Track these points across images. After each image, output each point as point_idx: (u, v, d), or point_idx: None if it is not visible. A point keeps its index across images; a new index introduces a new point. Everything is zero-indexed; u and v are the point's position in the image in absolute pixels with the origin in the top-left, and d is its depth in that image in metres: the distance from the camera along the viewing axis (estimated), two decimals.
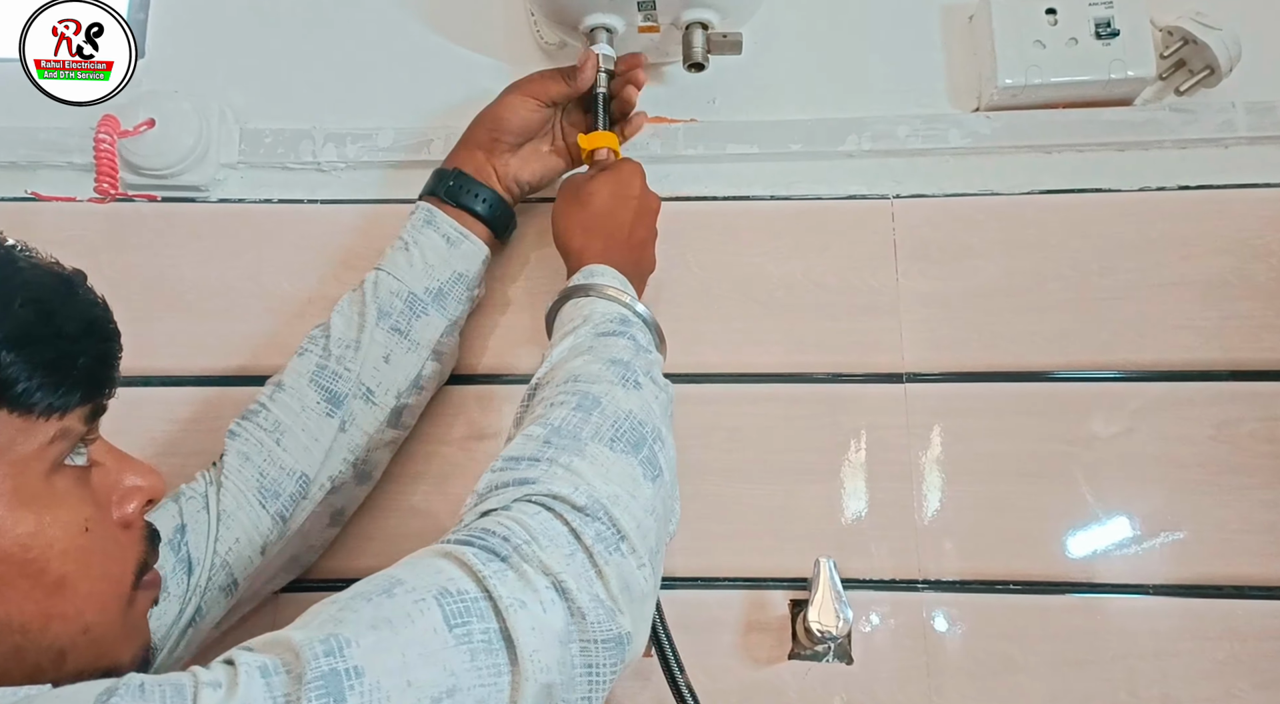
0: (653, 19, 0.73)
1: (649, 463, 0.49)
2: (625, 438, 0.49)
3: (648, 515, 0.47)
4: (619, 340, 0.56)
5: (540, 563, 0.41)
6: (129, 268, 0.79)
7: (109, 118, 0.74)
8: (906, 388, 0.73)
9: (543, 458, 0.47)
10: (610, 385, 0.52)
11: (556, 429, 0.49)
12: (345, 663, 0.35)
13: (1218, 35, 0.72)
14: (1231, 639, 0.67)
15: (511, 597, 0.40)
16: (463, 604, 0.39)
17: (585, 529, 0.44)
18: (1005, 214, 0.76)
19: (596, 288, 0.61)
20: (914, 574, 0.70)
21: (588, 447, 0.48)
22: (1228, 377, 0.72)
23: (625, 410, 0.50)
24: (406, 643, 0.37)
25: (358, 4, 0.84)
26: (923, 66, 0.80)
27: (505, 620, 0.39)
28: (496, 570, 0.41)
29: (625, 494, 0.46)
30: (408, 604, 0.39)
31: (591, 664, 0.42)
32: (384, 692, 0.35)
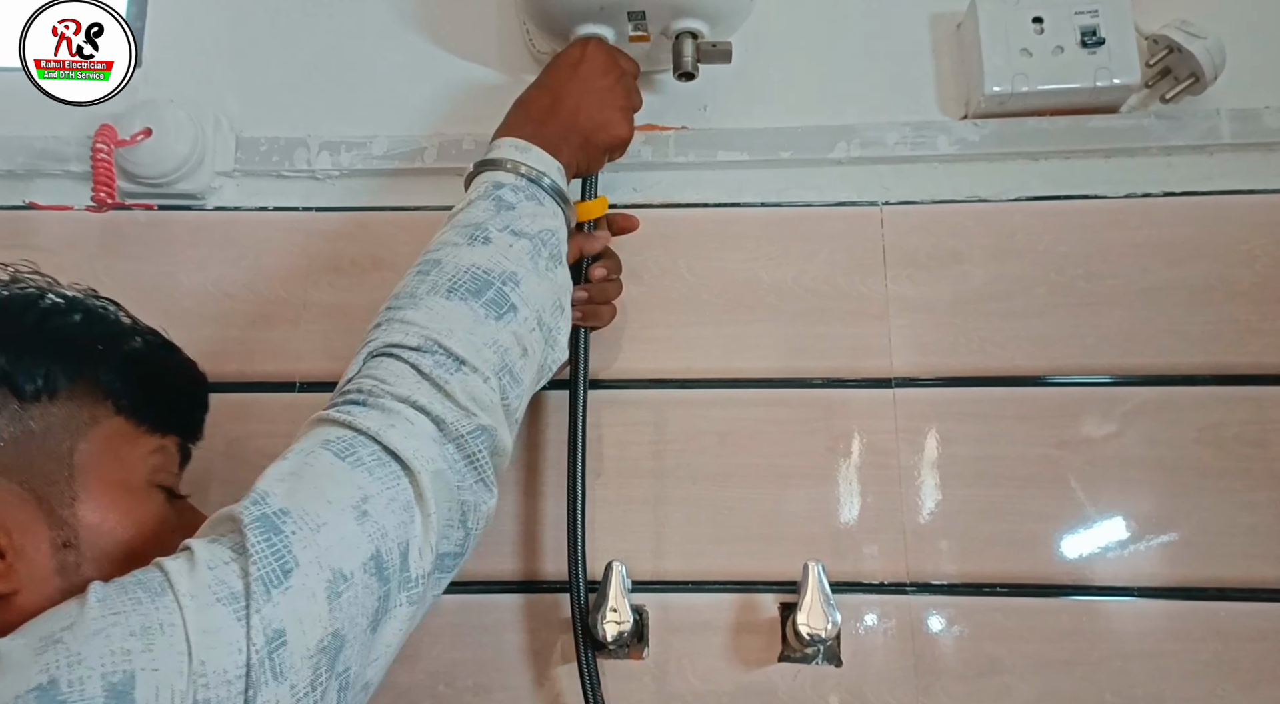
0: (643, 29, 0.74)
1: (494, 303, 0.55)
2: (464, 286, 0.55)
3: (487, 347, 0.54)
4: (481, 203, 0.60)
5: (393, 395, 0.49)
6: (125, 275, 0.79)
7: (106, 127, 0.74)
8: (895, 393, 0.74)
9: (383, 321, 0.54)
10: (454, 247, 0.57)
11: (396, 294, 0.55)
12: (270, 507, 0.43)
13: (1202, 44, 0.73)
14: (1216, 640, 0.68)
15: (379, 424, 0.48)
16: (343, 442, 0.47)
17: (422, 362, 0.51)
18: (993, 220, 0.77)
19: (486, 161, 0.63)
20: (903, 577, 0.71)
21: (422, 300, 0.54)
22: (1213, 381, 0.73)
23: (466, 264, 0.56)
24: (313, 480, 0.45)
25: (352, 13, 0.85)
26: (911, 74, 0.81)
27: (381, 440, 0.47)
28: (359, 413, 0.49)
29: (461, 330, 0.53)
30: (301, 459, 0.46)
31: (469, 454, 0.50)
32: (311, 514, 0.43)
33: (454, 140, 0.80)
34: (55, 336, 0.49)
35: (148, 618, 0.38)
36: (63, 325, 0.50)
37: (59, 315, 0.50)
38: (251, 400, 0.77)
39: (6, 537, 0.43)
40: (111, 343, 0.51)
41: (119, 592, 0.39)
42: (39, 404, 0.46)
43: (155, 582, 0.40)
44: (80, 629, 0.37)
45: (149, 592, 0.39)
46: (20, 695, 0.35)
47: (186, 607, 0.39)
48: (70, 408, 0.47)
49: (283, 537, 0.42)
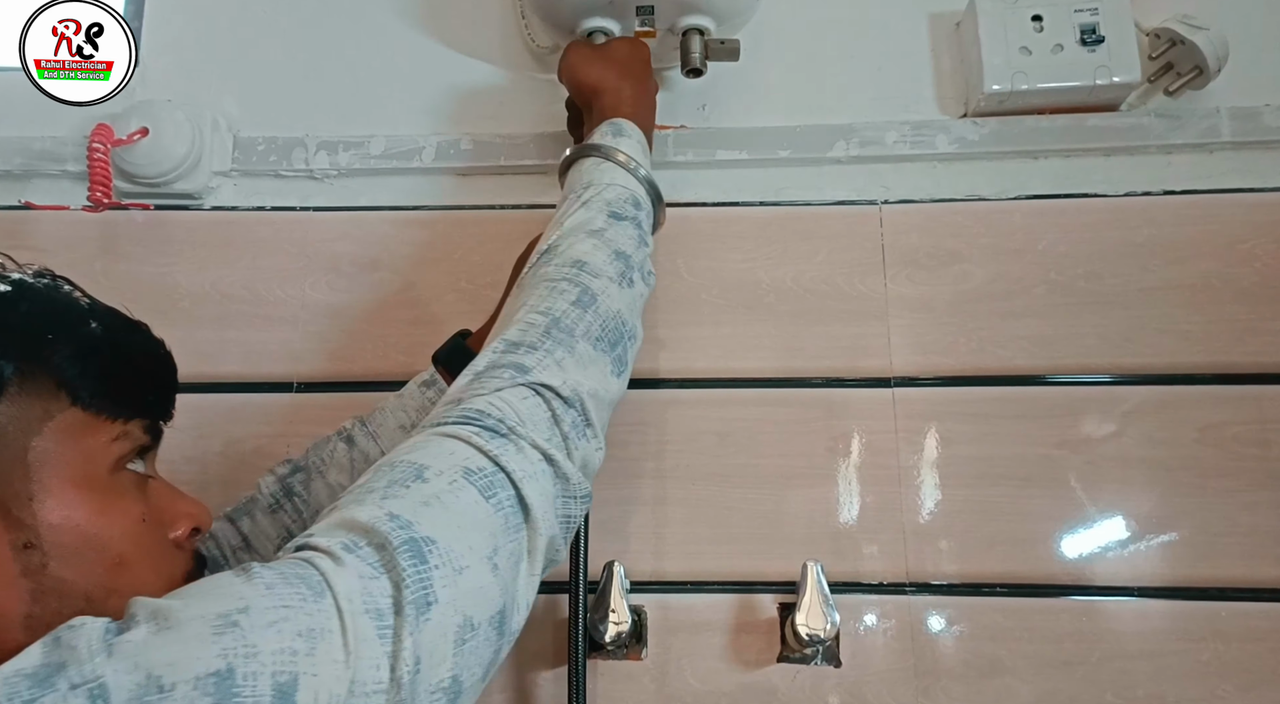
0: (650, 24, 0.74)
1: (620, 361, 0.57)
2: (608, 337, 0.56)
3: (607, 408, 0.55)
4: (627, 228, 0.60)
5: (531, 440, 0.49)
6: (123, 275, 0.79)
7: (103, 127, 0.74)
8: (895, 392, 0.74)
9: (540, 348, 0.53)
10: (609, 282, 0.57)
11: (556, 321, 0.54)
12: (417, 533, 0.42)
13: (1205, 35, 0.73)
14: (1216, 640, 0.68)
15: (519, 469, 0.47)
16: (487, 478, 0.46)
17: (564, 416, 0.51)
18: (992, 220, 0.77)
19: (622, 155, 0.63)
20: (902, 577, 0.70)
21: (578, 344, 0.54)
22: (1213, 380, 0.73)
23: (614, 311, 0.57)
24: (457, 515, 0.44)
25: (350, 12, 0.85)
26: (910, 73, 0.81)
27: (520, 488, 0.47)
28: (500, 446, 0.48)
29: (600, 389, 0.54)
30: (444, 485, 0.45)
31: (569, 515, 0.51)
32: (454, 553, 0.42)
33: (452, 140, 0.80)
34: (1, 329, 0.46)
35: (313, 619, 0.38)
36: (7, 316, 0.47)
37: (5, 305, 0.47)
38: (250, 401, 0.77)
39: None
40: (63, 330, 0.48)
41: (282, 582, 0.39)
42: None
43: (314, 579, 0.39)
44: (255, 617, 0.37)
45: (311, 589, 0.39)
46: (200, 678, 0.34)
47: (345, 612, 0.38)
48: (21, 404, 0.45)
49: (428, 567, 0.41)
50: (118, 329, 0.50)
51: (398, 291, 0.78)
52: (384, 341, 0.77)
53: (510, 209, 0.80)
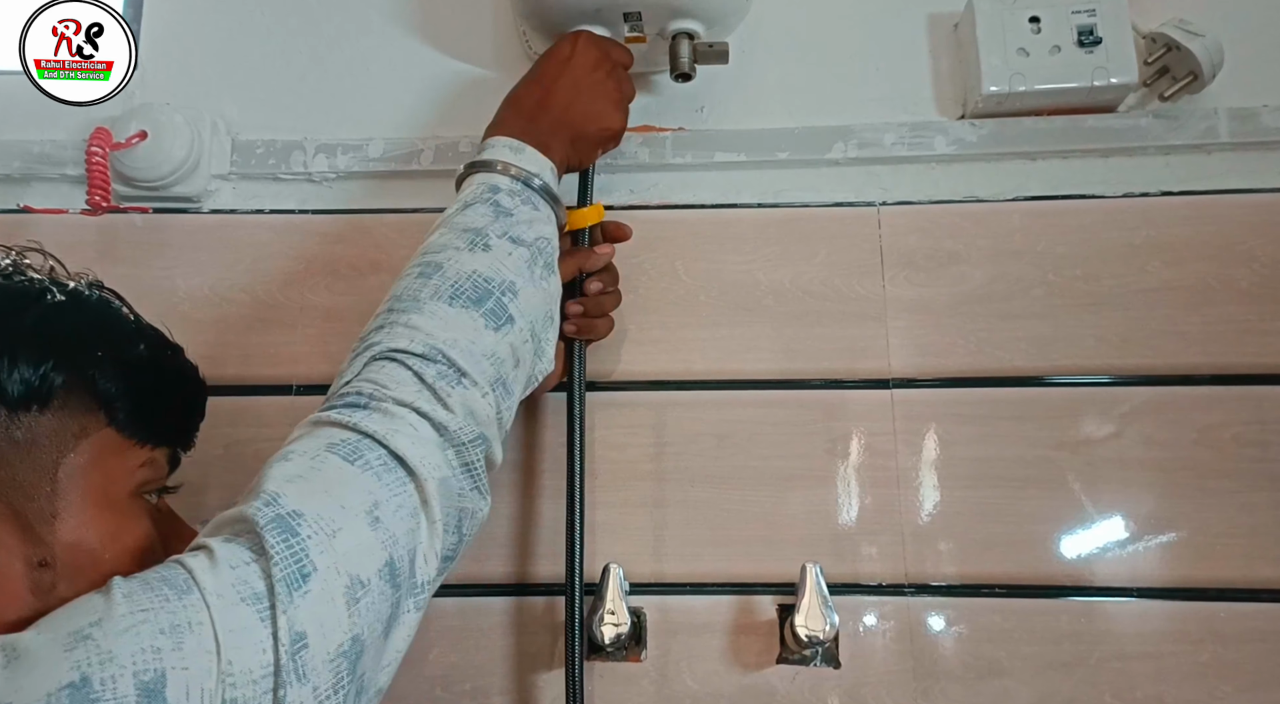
0: (639, 30, 0.74)
1: (494, 313, 0.55)
2: (466, 294, 0.55)
3: (485, 359, 0.54)
4: (479, 208, 0.60)
5: (395, 400, 0.49)
6: (122, 279, 0.78)
7: (101, 130, 0.74)
8: (893, 394, 0.74)
9: (386, 323, 0.53)
10: (455, 251, 0.57)
11: (398, 297, 0.55)
12: (283, 508, 0.42)
13: (1201, 42, 0.73)
14: (1216, 641, 0.68)
15: (384, 428, 0.48)
16: (349, 445, 0.47)
17: (426, 371, 0.51)
18: (991, 221, 0.77)
19: (479, 162, 0.62)
20: (901, 578, 0.70)
21: (425, 305, 0.54)
22: (1212, 381, 0.73)
23: (468, 270, 0.56)
24: (324, 483, 0.45)
25: (349, 16, 0.85)
26: (908, 74, 0.81)
27: (388, 445, 0.47)
28: (362, 416, 0.48)
29: (464, 340, 0.53)
30: (307, 461, 0.46)
31: (467, 462, 0.51)
32: (326, 518, 0.43)
33: (450, 142, 0.80)
34: (53, 339, 0.45)
35: (176, 616, 0.38)
36: (63, 327, 0.47)
37: (59, 315, 0.47)
38: (249, 404, 0.77)
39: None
40: (113, 347, 0.48)
41: (144, 588, 0.39)
42: (28, 414, 0.43)
43: (179, 579, 0.39)
44: (109, 626, 0.37)
45: (175, 589, 0.39)
46: (52, 693, 0.34)
47: (213, 605, 0.38)
48: (61, 418, 0.44)
49: (299, 539, 0.41)
50: (161, 353, 0.51)
51: None
52: None
53: None
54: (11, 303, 0.46)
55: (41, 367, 0.44)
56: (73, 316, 0.48)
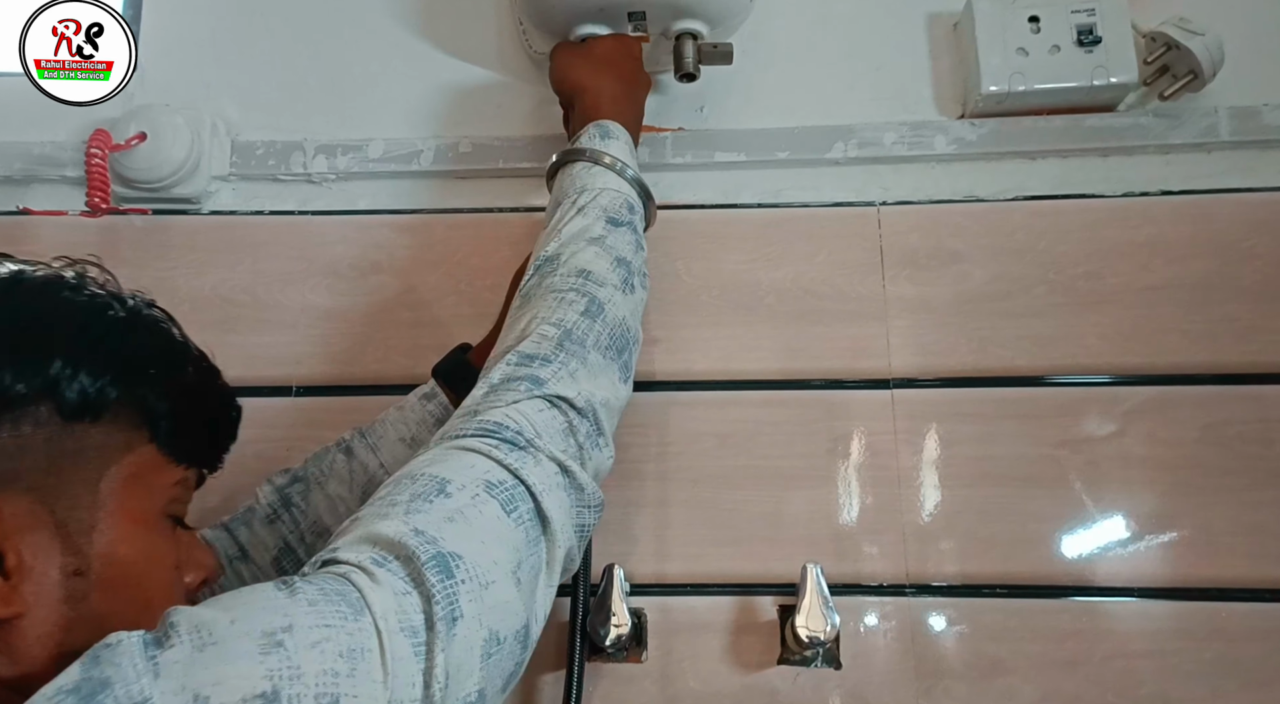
0: (643, 29, 0.74)
1: (626, 366, 0.58)
2: (615, 345, 0.57)
3: (617, 414, 0.57)
4: (625, 233, 0.61)
5: (549, 452, 0.49)
6: (122, 280, 0.78)
7: (101, 132, 0.74)
8: (894, 394, 0.74)
9: (554, 360, 0.53)
10: (613, 290, 0.58)
11: (568, 332, 0.55)
12: (443, 548, 0.42)
13: (1200, 41, 0.73)
14: (1219, 640, 0.68)
15: (539, 482, 0.48)
16: (508, 492, 0.46)
17: (579, 427, 0.52)
18: (991, 220, 0.77)
19: (609, 157, 0.63)
20: (903, 578, 0.70)
21: (590, 354, 0.55)
22: (1214, 379, 0.72)
23: (620, 318, 0.57)
24: (480, 531, 0.44)
25: (348, 16, 0.85)
26: (908, 74, 0.81)
27: (539, 501, 0.47)
28: (519, 459, 0.48)
29: (611, 397, 0.55)
30: (467, 499, 0.45)
31: (583, 525, 0.51)
32: (480, 568, 0.43)
33: (450, 143, 0.80)
34: (113, 355, 0.46)
35: (354, 639, 0.37)
36: (123, 344, 0.47)
37: (122, 332, 0.48)
38: (250, 404, 0.75)
39: (17, 557, 0.41)
40: (164, 367, 0.48)
41: (323, 597, 0.38)
42: (81, 424, 0.44)
43: (352, 596, 0.39)
44: (300, 636, 0.37)
45: (351, 607, 0.38)
46: (247, 698, 0.34)
47: (383, 632, 0.38)
48: (109, 431, 0.45)
49: (454, 582, 0.41)
50: (206, 376, 0.52)
51: (397, 294, 0.78)
52: (384, 345, 0.77)
53: (509, 212, 0.80)
54: (80, 316, 0.47)
55: (100, 381, 0.45)
56: (132, 335, 0.48)
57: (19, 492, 0.42)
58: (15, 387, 0.42)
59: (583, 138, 0.64)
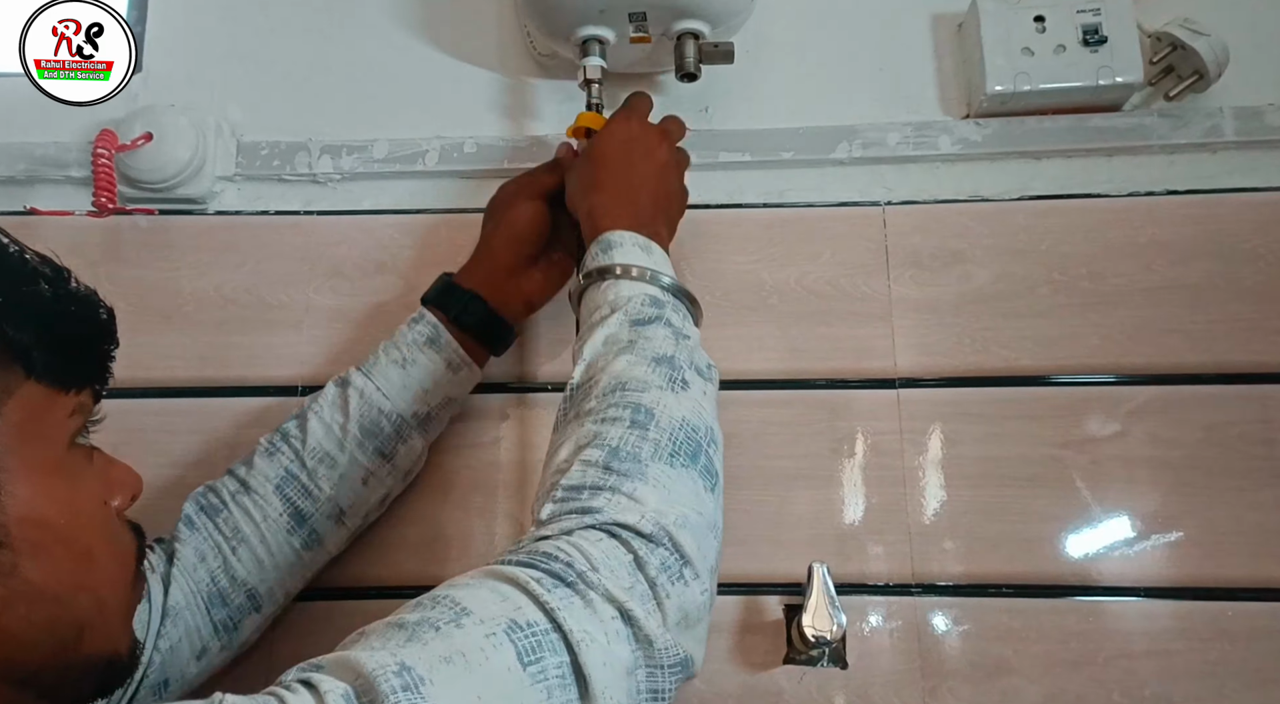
0: (644, 30, 0.74)
1: (708, 471, 0.48)
2: (684, 450, 0.48)
3: (709, 533, 0.46)
4: (657, 329, 0.53)
5: (605, 591, 0.41)
6: (127, 280, 0.79)
7: (107, 132, 0.74)
8: (900, 393, 0.74)
9: (605, 486, 0.45)
10: (660, 391, 0.49)
11: (615, 451, 0.47)
12: (421, 701, 0.34)
13: (1206, 41, 0.73)
14: (1224, 640, 0.68)
15: (581, 629, 0.39)
16: (534, 638, 0.38)
17: (650, 558, 0.43)
18: (995, 220, 0.77)
19: (619, 268, 0.57)
20: (908, 578, 0.70)
21: (649, 468, 0.46)
22: (1217, 379, 0.73)
23: (679, 418, 0.49)
24: (481, 683, 0.36)
25: (353, 17, 0.85)
26: (913, 74, 0.81)
27: (577, 655, 0.38)
28: (563, 598, 0.40)
29: (691, 513, 0.46)
30: (479, 638, 0.37)
31: (657, 689, 0.41)
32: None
33: (455, 143, 0.80)
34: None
35: None
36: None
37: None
38: (254, 405, 0.77)
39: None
40: (13, 291, 0.41)
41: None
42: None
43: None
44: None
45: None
46: None
47: None
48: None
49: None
50: (64, 286, 0.44)
51: (401, 295, 0.78)
52: None
53: None
54: None
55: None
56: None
57: None
58: None
59: (586, 261, 0.60)
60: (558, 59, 0.81)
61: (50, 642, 0.40)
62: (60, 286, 0.43)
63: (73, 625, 0.41)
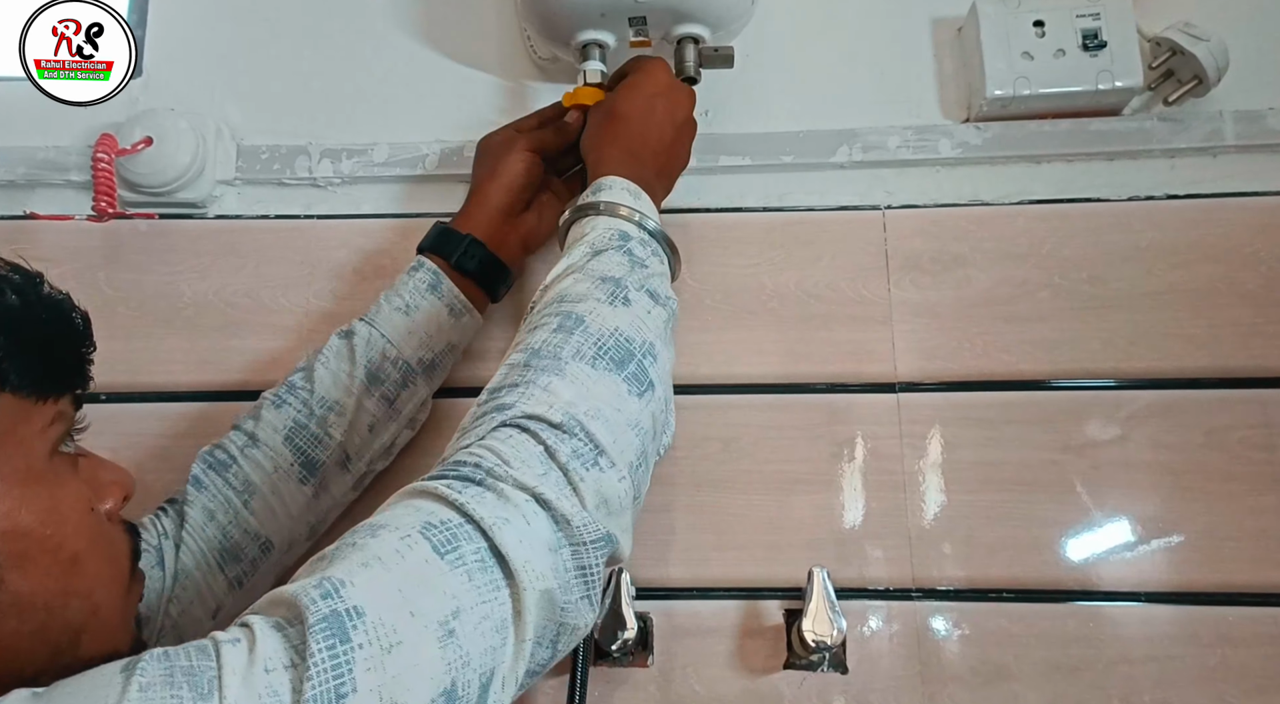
0: (644, 34, 0.74)
1: (636, 378, 0.50)
2: (609, 355, 0.49)
3: (629, 429, 0.48)
4: (613, 255, 0.55)
5: (515, 481, 0.43)
6: (127, 284, 0.79)
7: (107, 137, 0.74)
8: (900, 397, 0.74)
9: (521, 382, 0.48)
10: (596, 303, 0.51)
11: (536, 351, 0.49)
12: (344, 603, 0.36)
13: (1205, 46, 0.73)
14: (1224, 645, 0.68)
15: (493, 516, 0.41)
16: (448, 532, 0.40)
17: (560, 446, 0.45)
18: (996, 224, 0.77)
19: (603, 205, 0.59)
20: (908, 583, 0.70)
21: (568, 366, 0.48)
22: (1218, 384, 0.72)
23: (610, 327, 0.50)
24: (401, 577, 0.38)
25: (352, 21, 0.85)
26: (913, 78, 0.81)
27: (492, 538, 0.41)
28: (473, 495, 0.42)
29: (607, 409, 0.47)
30: (394, 541, 0.40)
31: (584, 566, 0.44)
32: (388, 626, 0.37)
33: (455, 147, 0.80)
34: None
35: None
36: None
37: None
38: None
39: None
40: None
41: (165, 680, 0.34)
42: None
43: (206, 677, 0.34)
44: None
45: (195, 690, 0.34)
46: None
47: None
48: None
49: (349, 647, 0.35)
50: (33, 293, 0.43)
51: None
52: None
53: None
54: None
55: None
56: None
57: None
58: None
59: (576, 201, 0.62)
60: (558, 63, 0.81)
61: (45, 649, 0.41)
62: (29, 293, 0.42)
63: (66, 631, 0.42)
